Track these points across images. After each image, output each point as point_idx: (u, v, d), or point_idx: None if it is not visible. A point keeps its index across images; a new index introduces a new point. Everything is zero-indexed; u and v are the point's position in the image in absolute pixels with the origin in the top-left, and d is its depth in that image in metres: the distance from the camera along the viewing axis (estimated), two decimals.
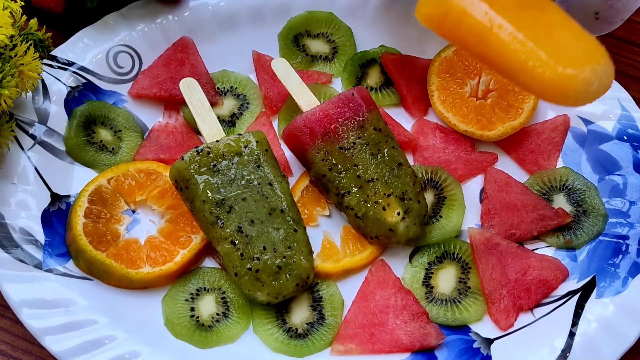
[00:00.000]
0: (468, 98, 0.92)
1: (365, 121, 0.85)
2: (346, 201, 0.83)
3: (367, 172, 0.82)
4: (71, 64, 0.91)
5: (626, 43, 1.05)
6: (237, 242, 0.78)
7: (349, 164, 0.83)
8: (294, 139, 0.85)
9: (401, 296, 0.80)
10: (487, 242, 0.83)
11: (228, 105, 0.94)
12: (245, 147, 0.82)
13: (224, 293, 0.80)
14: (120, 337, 0.75)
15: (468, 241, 0.84)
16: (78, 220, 0.81)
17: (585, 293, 0.80)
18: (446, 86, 0.93)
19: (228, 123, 0.93)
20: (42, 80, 0.88)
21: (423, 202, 0.83)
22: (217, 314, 0.79)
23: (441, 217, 0.86)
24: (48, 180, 0.84)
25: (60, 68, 0.90)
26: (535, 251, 0.84)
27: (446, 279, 0.82)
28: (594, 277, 0.81)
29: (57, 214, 0.83)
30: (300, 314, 0.80)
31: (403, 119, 0.94)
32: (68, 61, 0.91)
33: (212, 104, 0.91)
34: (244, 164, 0.81)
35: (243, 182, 0.80)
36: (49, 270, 0.79)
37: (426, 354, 0.77)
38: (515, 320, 0.79)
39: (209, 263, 0.83)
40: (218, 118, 0.88)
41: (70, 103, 0.89)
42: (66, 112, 0.89)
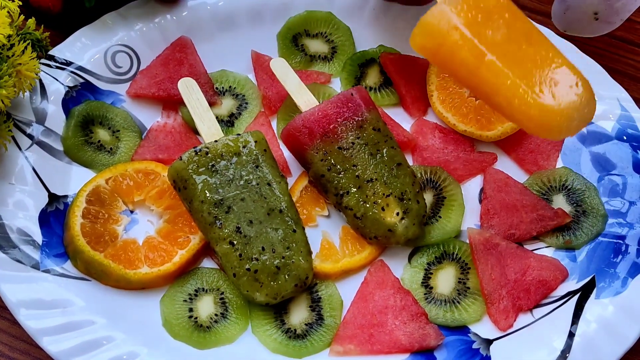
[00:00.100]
0: (467, 98, 0.92)
1: (364, 121, 0.84)
2: (345, 201, 0.82)
3: (366, 172, 0.82)
4: (69, 64, 0.91)
5: (625, 43, 1.05)
6: (236, 243, 0.77)
7: (348, 164, 0.83)
8: (293, 139, 0.85)
9: (400, 297, 0.80)
10: (487, 243, 0.83)
11: (227, 105, 0.94)
12: (243, 147, 0.82)
13: (223, 294, 0.80)
14: (118, 338, 0.75)
15: (467, 241, 0.84)
16: (76, 220, 0.80)
17: (584, 293, 0.80)
18: (445, 86, 0.93)
19: (227, 123, 0.93)
20: (40, 80, 0.88)
21: (422, 203, 0.83)
22: (216, 315, 0.79)
23: (440, 218, 0.85)
24: (46, 180, 0.84)
25: (58, 68, 0.90)
26: (534, 251, 0.84)
27: (445, 280, 0.82)
28: (594, 278, 0.81)
29: (55, 214, 0.83)
30: (299, 315, 0.79)
31: (402, 119, 0.94)
32: (66, 61, 0.91)
33: (211, 104, 0.91)
34: (243, 164, 0.81)
35: (242, 182, 0.80)
36: (47, 270, 0.78)
37: (425, 355, 0.77)
38: (514, 320, 0.79)
39: (208, 263, 0.83)
40: (217, 118, 0.87)
41: (68, 103, 0.89)
42: (64, 112, 0.89)
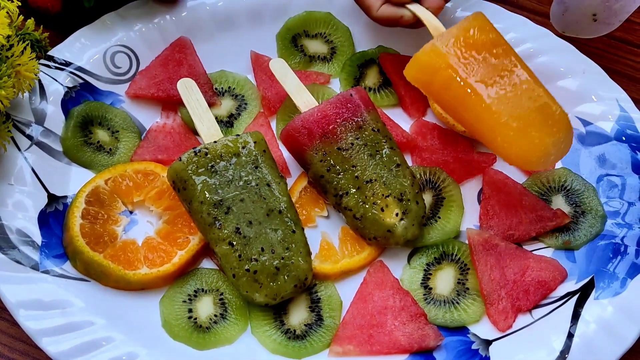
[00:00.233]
0: None
1: (363, 122, 0.84)
2: (344, 202, 0.82)
3: (366, 173, 0.82)
4: (68, 64, 0.91)
5: (624, 44, 1.05)
6: (235, 243, 0.77)
7: (347, 165, 0.83)
8: (292, 140, 0.85)
9: (399, 297, 0.80)
10: (486, 243, 0.83)
11: (226, 105, 0.94)
12: (243, 148, 0.82)
13: (222, 294, 0.80)
14: (117, 339, 0.75)
15: (467, 242, 0.84)
16: (75, 221, 0.80)
17: (583, 294, 0.80)
18: None
19: (226, 124, 0.93)
20: (39, 80, 0.88)
21: (421, 203, 0.83)
22: (215, 316, 0.79)
23: (440, 218, 0.86)
24: (45, 181, 0.84)
25: (57, 68, 0.90)
26: (533, 252, 0.84)
27: (445, 280, 0.82)
28: (593, 278, 0.81)
29: (54, 215, 0.83)
30: (298, 315, 0.79)
31: (401, 120, 0.94)
32: (65, 61, 0.91)
33: (210, 105, 0.91)
34: (242, 165, 0.81)
35: (241, 183, 0.80)
36: (46, 271, 0.78)
37: (425, 355, 0.77)
38: (513, 321, 0.79)
39: (207, 264, 0.83)
40: (216, 118, 0.87)
41: (67, 103, 0.89)
42: (63, 113, 0.88)
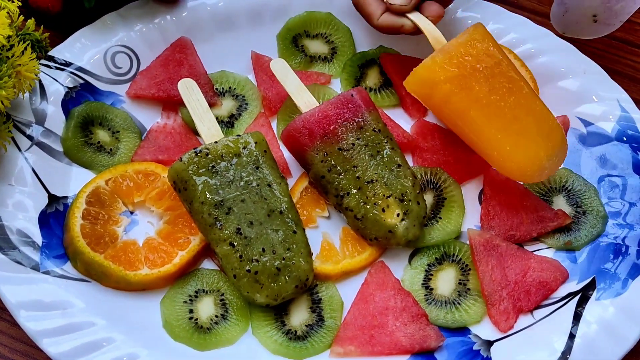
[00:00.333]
0: None
1: (364, 122, 0.84)
2: (345, 202, 0.82)
3: (367, 174, 0.82)
4: (69, 65, 0.90)
5: (625, 44, 1.05)
6: (236, 244, 0.77)
7: (348, 165, 0.83)
8: (293, 140, 0.85)
9: (401, 298, 0.80)
10: (487, 244, 0.83)
11: (226, 106, 0.94)
12: (243, 148, 0.82)
13: (223, 295, 0.80)
14: (118, 340, 0.75)
15: (468, 243, 0.84)
16: (76, 221, 0.80)
17: (585, 295, 0.80)
18: None
19: (227, 124, 0.93)
20: (40, 80, 0.88)
21: (422, 204, 0.83)
22: (216, 316, 0.79)
23: (441, 219, 0.85)
24: (45, 181, 0.84)
25: (57, 69, 0.90)
26: (535, 252, 0.84)
27: (446, 281, 0.82)
28: (594, 279, 0.81)
29: (55, 216, 0.83)
30: (299, 316, 0.79)
31: (402, 120, 0.94)
32: (65, 62, 0.91)
33: (211, 105, 0.91)
34: (243, 165, 0.81)
35: (242, 184, 0.80)
36: (47, 272, 0.78)
37: (426, 356, 0.77)
38: (515, 322, 0.79)
39: (208, 265, 0.83)
40: (216, 119, 0.87)
41: (67, 104, 0.89)
42: (64, 113, 0.88)
